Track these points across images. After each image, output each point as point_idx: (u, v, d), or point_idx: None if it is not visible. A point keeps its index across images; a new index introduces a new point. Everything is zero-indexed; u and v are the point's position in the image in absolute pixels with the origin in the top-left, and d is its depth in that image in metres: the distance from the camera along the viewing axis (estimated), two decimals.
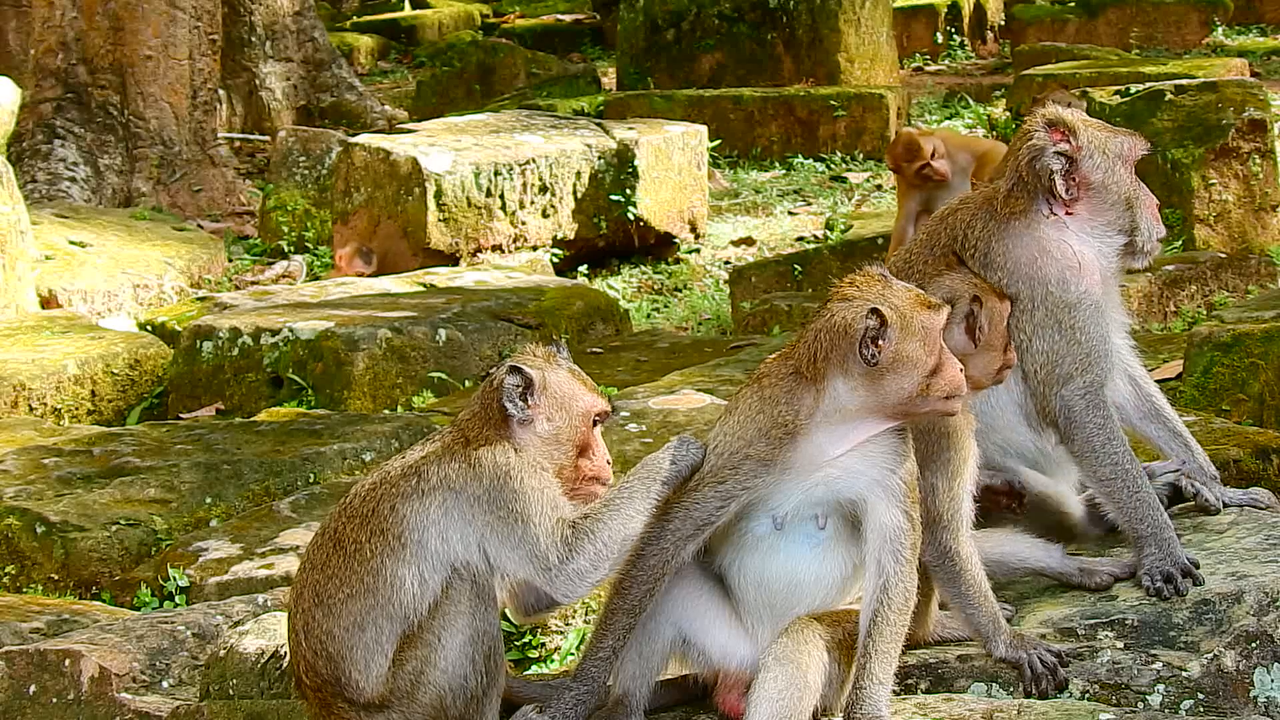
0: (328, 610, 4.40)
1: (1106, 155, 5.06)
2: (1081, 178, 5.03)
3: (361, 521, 4.44)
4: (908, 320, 4.39)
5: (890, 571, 4.38)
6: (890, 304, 4.39)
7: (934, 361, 4.38)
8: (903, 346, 4.37)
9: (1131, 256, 5.13)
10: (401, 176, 12.64)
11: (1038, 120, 5.09)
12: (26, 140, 15.79)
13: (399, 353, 9.75)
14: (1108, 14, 21.72)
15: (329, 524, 4.53)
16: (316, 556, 4.48)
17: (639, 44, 18.93)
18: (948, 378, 4.40)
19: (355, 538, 4.43)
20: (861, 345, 4.36)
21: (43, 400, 9.93)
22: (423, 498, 4.42)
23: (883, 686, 4.34)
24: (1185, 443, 5.28)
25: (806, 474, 4.42)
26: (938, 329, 4.41)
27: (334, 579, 4.42)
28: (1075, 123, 5.06)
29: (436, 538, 4.40)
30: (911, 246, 5.14)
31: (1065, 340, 4.96)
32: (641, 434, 7.41)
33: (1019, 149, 5.07)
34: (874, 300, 4.39)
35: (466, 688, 4.42)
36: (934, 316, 4.42)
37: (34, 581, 7.36)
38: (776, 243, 13.89)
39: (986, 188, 5.21)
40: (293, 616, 4.49)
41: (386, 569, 4.38)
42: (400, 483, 4.46)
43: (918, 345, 4.38)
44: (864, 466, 4.42)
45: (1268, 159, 11.61)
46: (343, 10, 29.08)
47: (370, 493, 4.49)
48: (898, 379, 4.37)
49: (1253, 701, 4.43)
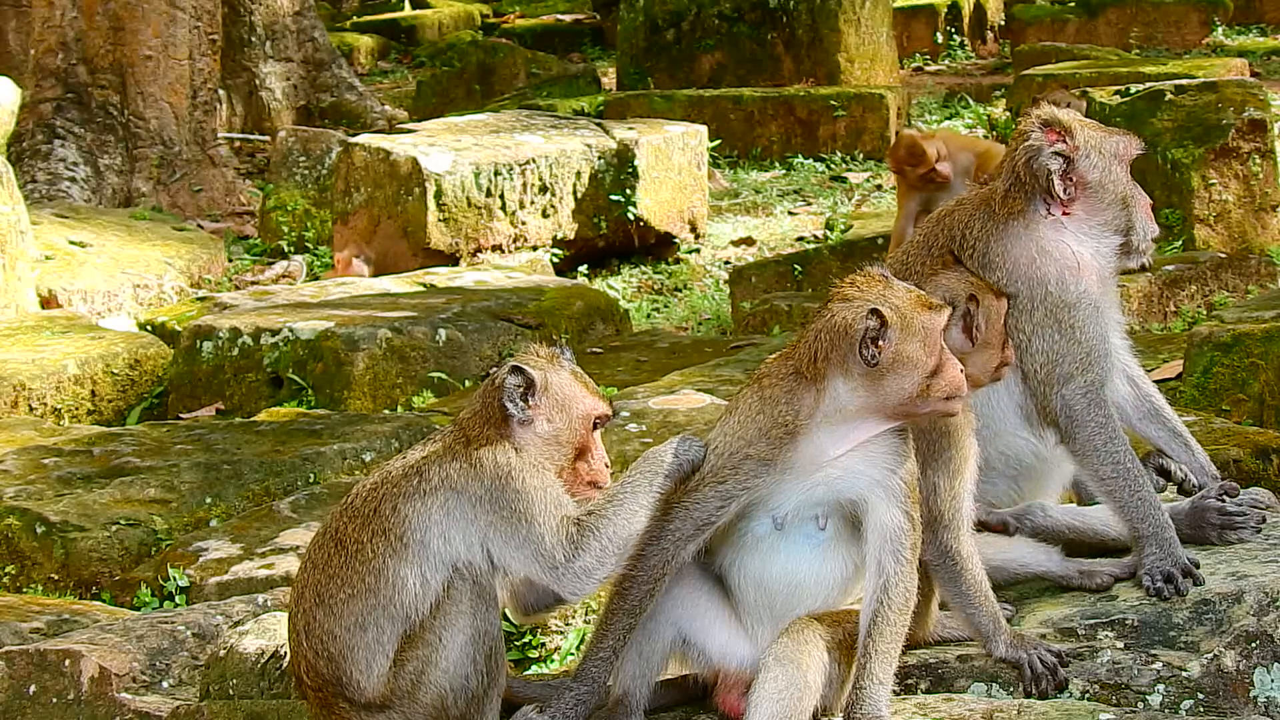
0: (329, 610, 4.40)
1: (1103, 155, 5.07)
2: (1079, 178, 5.04)
3: (363, 522, 4.44)
4: (908, 321, 4.39)
5: (891, 571, 4.38)
6: (891, 304, 4.39)
7: (934, 362, 4.38)
8: (903, 347, 4.37)
9: (1127, 256, 5.14)
10: (401, 176, 12.64)
11: (1033, 121, 5.09)
12: (26, 140, 15.79)
13: (399, 353, 9.75)
14: (1108, 14, 21.72)
15: (330, 524, 4.53)
16: (318, 556, 4.48)
17: (639, 44, 18.93)
18: (948, 378, 4.40)
19: (357, 538, 4.43)
20: (861, 346, 4.35)
21: (43, 400, 9.93)
22: (424, 498, 4.43)
23: (883, 686, 4.34)
24: (1185, 442, 5.28)
25: (807, 474, 4.42)
26: (938, 329, 4.41)
27: (335, 579, 4.42)
28: (1071, 123, 5.07)
29: (439, 538, 4.40)
30: (908, 248, 5.13)
31: (1065, 340, 4.96)
32: (641, 434, 7.41)
33: (1015, 150, 5.07)
34: (874, 301, 4.38)
35: (468, 688, 4.42)
36: (934, 317, 4.42)
37: (34, 581, 7.36)
38: (776, 243, 13.90)
39: (983, 189, 5.21)
40: (294, 616, 4.49)
41: (389, 569, 4.38)
42: (402, 483, 4.46)
43: (918, 346, 4.38)
44: (864, 467, 4.41)
45: (1268, 159, 11.61)
46: (343, 10, 29.08)
47: (372, 493, 4.49)
48: (898, 379, 4.37)
49: (1252, 701, 4.43)
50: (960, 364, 4.48)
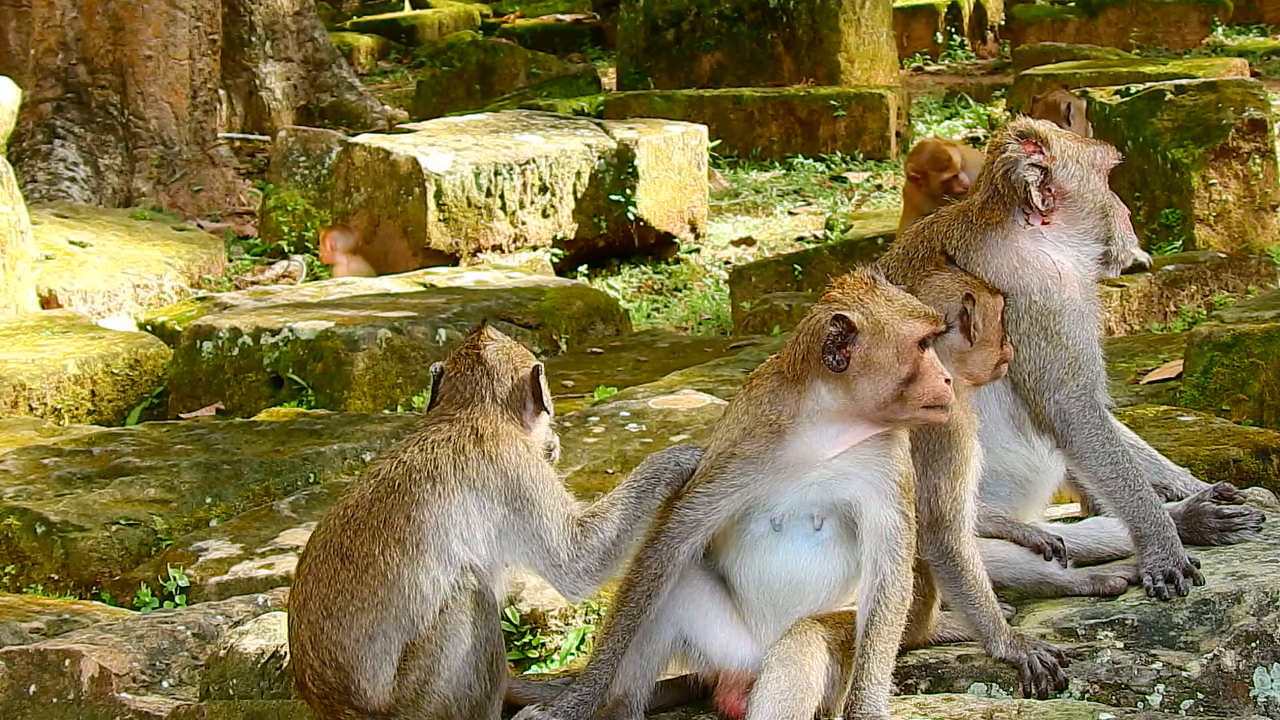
0: (338, 623, 4.38)
1: (1080, 164, 5.09)
2: (1057, 188, 5.05)
3: (373, 534, 4.40)
4: (879, 326, 4.37)
5: (887, 571, 4.39)
6: (866, 309, 4.37)
7: (909, 370, 4.35)
8: (874, 353, 4.35)
9: (1106, 266, 5.15)
10: (401, 176, 12.64)
11: (1009, 133, 5.12)
12: (26, 140, 15.79)
13: (399, 353, 9.75)
14: (1108, 14, 21.72)
15: (330, 537, 4.47)
16: (320, 570, 4.43)
17: (639, 44, 18.93)
18: (927, 387, 4.36)
19: (367, 550, 4.39)
20: (825, 351, 4.36)
21: (43, 400, 9.93)
22: (442, 500, 4.40)
23: (881, 687, 4.35)
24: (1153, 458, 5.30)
25: (799, 475, 4.42)
26: (914, 337, 4.37)
27: (344, 593, 4.38)
28: (1048, 134, 5.09)
29: (457, 539, 4.38)
30: (887, 259, 5.13)
31: (1052, 347, 4.97)
32: (641, 434, 7.41)
33: (993, 162, 5.09)
34: (850, 305, 4.38)
35: (471, 695, 4.42)
36: (912, 325, 4.39)
37: (34, 581, 7.36)
38: (776, 243, 13.90)
39: (961, 202, 5.24)
40: (297, 627, 4.46)
41: (404, 578, 4.36)
42: (413, 489, 4.42)
43: (889, 352, 4.36)
44: (857, 469, 4.41)
45: (1268, 159, 11.60)
46: (343, 10, 29.09)
47: (376, 502, 4.43)
48: (871, 385, 4.36)
49: (1252, 701, 4.43)
50: (953, 370, 4.46)
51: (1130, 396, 7.84)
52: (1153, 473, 5.19)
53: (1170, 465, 5.36)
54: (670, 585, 4.51)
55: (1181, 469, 5.38)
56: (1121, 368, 8.19)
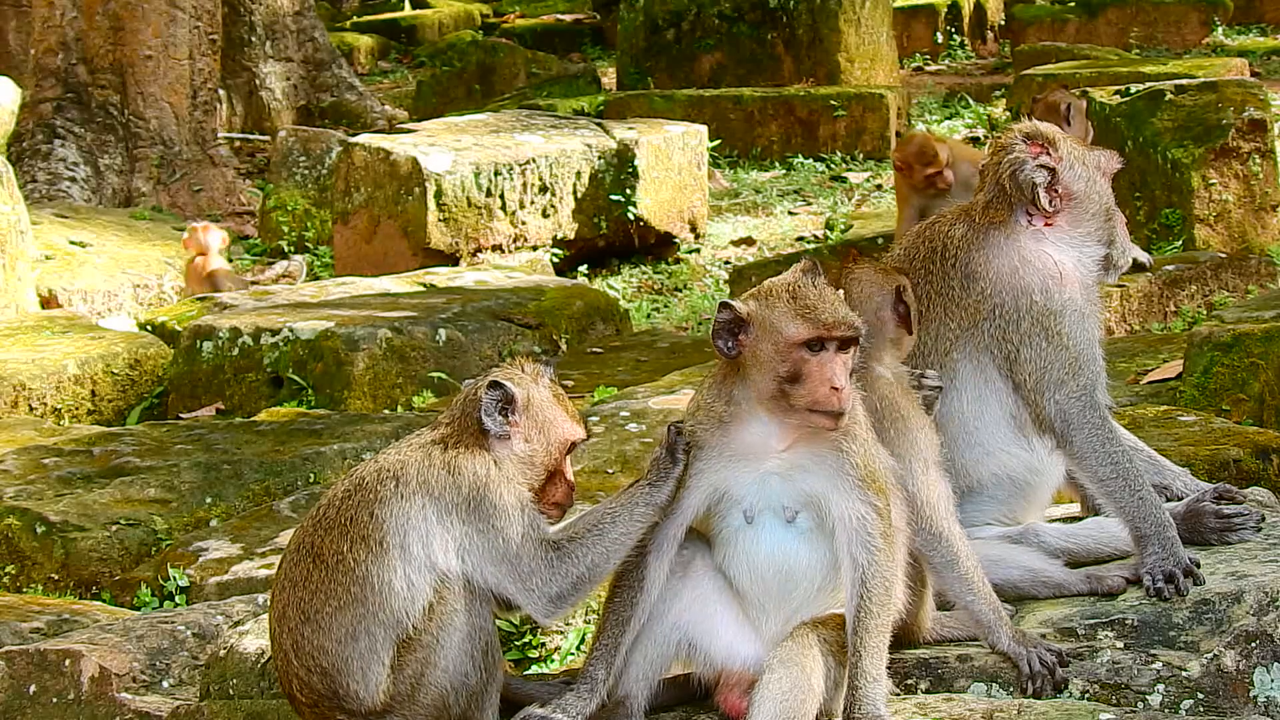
0: (316, 625, 4.37)
1: (1086, 167, 5.11)
2: (1064, 189, 5.06)
3: (340, 532, 4.40)
4: (765, 321, 4.40)
5: (864, 563, 4.39)
6: (763, 300, 4.42)
7: (788, 369, 4.36)
8: (757, 346, 4.42)
9: (1105, 271, 5.16)
10: (401, 176, 12.64)
11: (1015, 134, 5.12)
12: (26, 140, 15.80)
13: (399, 353, 9.75)
14: (1108, 14, 21.72)
15: (303, 539, 4.47)
16: (295, 573, 4.43)
17: (639, 44, 18.93)
18: (809, 389, 4.36)
19: (336, 549, 4.39)
20: (714, 336, 4.45)
21: (43, 400, 9.93)
22: (402, 500, 4.40)
23: (877, 684, 4.34)
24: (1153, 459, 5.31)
25: (753, 464, 4.46)
26: (794, 339, 4.37)
27: (319, 593, 4.37)
28: (1054, 135, 5.10)
29: (417, 541, 4.38)
30: (888, 261, 5.14)
31: (1053, 347, 4.97)
32: (641, 434, 7.41)
33: (999, 162, 5.09)
34: (757, 295, 4.45)
35: (468, 685, 4.42)
36: (796, 326, 4.38)
37: (34, 581, 7.36)
38: (776, 243, 13.90)
39: (964, 203, 5.24)
40: (278, 637, 4.45)
41: (373, 575, 4.35)
42: (378, 488, 4.43)
43: (769, 348, 4.40)
44: (811, 462, 4.44)
45: (1268, 159, 11.60)
46: (343, 10, 29.10)
47: (345, 501, 4.45)
48: (759, 377, 4.42)
49: (1252, 701, 4.43)
50: (842, 381, 4.36)
51: (1130, 396, 7.83)
52: (1153, 473, 5.19)
53: (1170, 465, 5.37)
54: (658, 574, 4.52)
55: (1181, 469, 5.39)
56: (1121, 368, 8.20)
